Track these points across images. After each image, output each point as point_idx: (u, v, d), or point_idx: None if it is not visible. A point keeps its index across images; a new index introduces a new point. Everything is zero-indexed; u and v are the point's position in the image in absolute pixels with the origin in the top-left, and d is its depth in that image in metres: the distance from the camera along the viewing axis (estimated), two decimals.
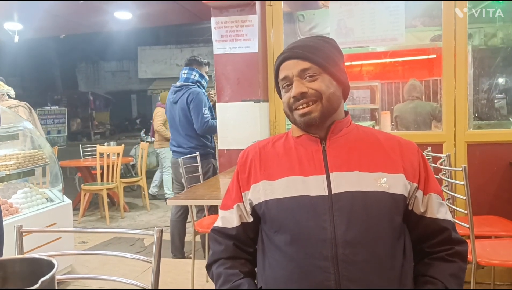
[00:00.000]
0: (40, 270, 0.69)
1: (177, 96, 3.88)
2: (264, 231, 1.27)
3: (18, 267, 0.71)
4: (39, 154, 3.54)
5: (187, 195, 2.57)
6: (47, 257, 0.70)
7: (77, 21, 6.14)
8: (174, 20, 6.79)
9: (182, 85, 3.88)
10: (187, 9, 5.72)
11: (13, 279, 0.71)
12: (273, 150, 1.32)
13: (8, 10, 5.36)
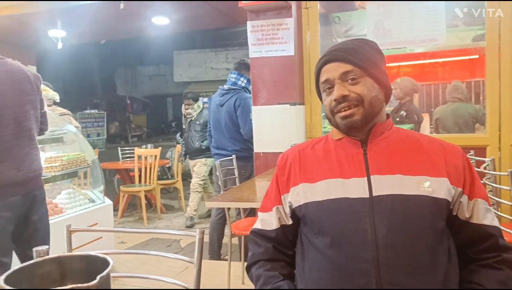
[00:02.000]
0: (95, 267, 0.73)
1: (224, 99, 3.91)
2: (303, 233, 1.27)
3: (76, 264, 0.75)
4: (82, 157, 3.66)
5: (225, 197, 2.60)
6: (102, 254, 0.73)
7: (117, 27, 6.32)
8: (210, 24, 6.87)
9: (230, 88, 3.92)
10: (223, 12, 5.78)
11: (70, 274, 0.75)
12: (312, 152, 1.32)
13: (53, 18, 5.58)
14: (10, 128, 2.16)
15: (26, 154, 2.24)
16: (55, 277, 0.74)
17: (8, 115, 2.15)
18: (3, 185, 2.14)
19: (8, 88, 2.16)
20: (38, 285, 0.70)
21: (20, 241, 2.30)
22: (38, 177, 2.34)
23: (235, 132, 3.85)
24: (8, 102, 2.15)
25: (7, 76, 2.18)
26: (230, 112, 3.84)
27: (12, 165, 2.16)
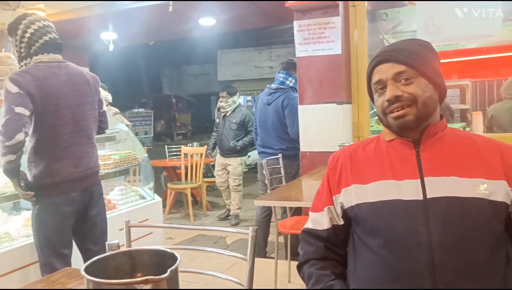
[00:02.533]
0: (164, 261, 0.78)
1: (272, 98, 3.94)
2: (356, 233, 1.28)
3: (145, 257, 0.80)
4: (133, 155, 3.80)
5: (273, 196, 2.63)
6: (170, 250, 0.78)
7: (165, 28, 6.51)
8: (255, 24, 6.93)
9: (278, 88, 3.94)
10: (268, 12, 5.82)
11: (140, 267, 0.80)
12: (364, 153, 1.33)
13: (105, 22, 5.83)
14: (69, 127, 2.29)
15: (84, 152, 2.37)
16: (126, 269, 0.80)
17: (68, 115, 2.28)
18: (63, 181, 2.28)
19: (68, 90, 2.29)
20: (112, 275, 0.75)
21: (80, 235, 2.44)
22: (95, 174, 2.47)
23: (282, 131, 3.87)
24: (68, 103, 2.28)
25: (67, 78, 2.31)
26: (277, 111, 3.86)
27: (71, 162, 2.29)
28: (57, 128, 2.24)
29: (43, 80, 2.19)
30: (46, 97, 2.19)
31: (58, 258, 2.26)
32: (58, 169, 2.25)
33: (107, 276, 0.73)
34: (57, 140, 2.25)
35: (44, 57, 2.26)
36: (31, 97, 2.13)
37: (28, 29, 2.23)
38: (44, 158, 2.24)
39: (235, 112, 5.35)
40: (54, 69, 2.27)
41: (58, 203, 2.27)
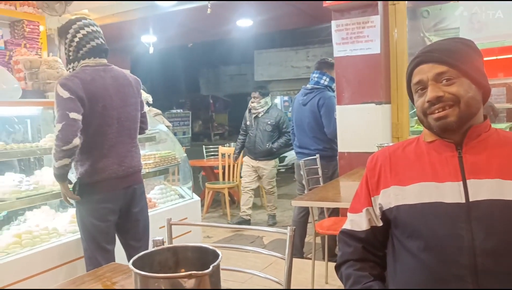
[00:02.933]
0: (206, 257, 0.80)
1: (308, 98, 3.94)
2: (395, 235, 1.27)
3: (189, 254, 0.83)
4: (172, 155, 3.89)
5: (310, 196, 2.63)
6: (212, 247, 0.81)
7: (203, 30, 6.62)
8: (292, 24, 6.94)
9: (313, 88, 3.94)
10: (305, 12, 5.81)
11: (184, 263, 0.83)
12: (403, 155, 1.31)
13: (146, 25, 5.99)
14: (115, 127, 2.39)
15: (127, 151, 2.46)
16: (170, 264, 0.84)
17: (113, 116, 2.38)
18: (107, 179, 2.37)
19: (113, 92, 2.39)
20: (157, 270, 0.79)
21: (123, 231, 2.53)
22: (137, 173, 2.56)
23: (318, 131, 3.86)
24: (114, 104, 2.38)
25: (112, 81, 2.41)
26: (313, 111, 3.85)
27: (115, 161, 2.39)
28: (104, 128, 2.34)
29: (91, 83, 2.30)
30: (94, 99, 2.29)
31: (102, 253, 2.36)
32: (103, 167, 2.35)
33: (152, 270, 0.76)
34: (103, 139, 2.35)
35: (91, 61, 2.37)
36: (81, 101, 2.24)
37: (78, 34, 2.34)
38: (90, 156, 2.34)
39: (268, 113, 5.18)
40: (100, 72, 2.37)
41: (102, 199, 2.37)
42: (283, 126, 5.17)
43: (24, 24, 4.92)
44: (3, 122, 3.06)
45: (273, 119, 5.14)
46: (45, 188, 2.82)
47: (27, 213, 2.95)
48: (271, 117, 5.15)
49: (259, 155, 5.20)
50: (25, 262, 2.42)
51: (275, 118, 5.14)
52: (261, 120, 5.19)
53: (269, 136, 5.13)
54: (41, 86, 3.15)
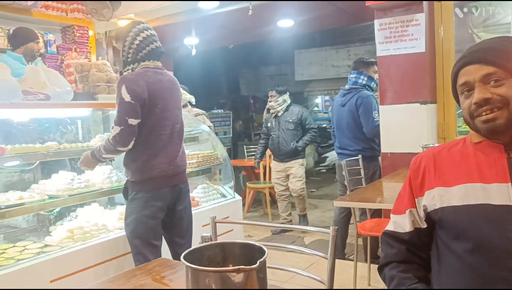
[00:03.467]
0: (252, 254, 0.83)
1: (346, 99, 3.93)
2: (440, 237, 1.25)
3: (236, 250, 0.87)
4: (215, 154, 3.96)
5: (352, 197, 2.61)
6: (258, 243, 0.84)
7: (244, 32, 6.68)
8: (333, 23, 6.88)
9: (351, 88, 3.92)
10: (346, 11, 5.75)
11: (231, 259, 0.87)
12: (449, 156, 1.29)
13: (188, 27, 6.13)
14: (168, 129, 2.50)
15: (176, 151, 2.57)
16: (218, 259, 0.87)
17: (169, 118, 2.50)
18: (157, 177, 2.47)
19: (169, 95, 2.51)
20: (206, 264, 0.82)
21: (168, 228, 2.62)
22: (183, 172, 2.66)
23: (357, 132, 3.83)
24: (169, 106, 2.50)
25: (169, 84, 2.54)
26: (352, 112, 3.83)
27: (165, 160, 2.49)
28: (159, 129, 2.45)
29: (153, 85, 2.41)
30: (154, 101, 2.40)
31: (150, 249, 2.45)
32: (154, 165, 2.45)
33: (201, 264, 0.80)
34: (156, 139, 2.46)
35: (150, 63, 2.47)
36: (142, 103, 2.35)
37: (138, 36, 2.44)
38: (143, 155, 2.45)
39: (288, 111, 4.97)
40: (159, 75, 2.49)
41: (152, 197, 2.47)
42: (306, 123, 4.97)
43: (74, 29, 5.17)
44: (57, 123, 3.23)
45: (294, 116, 4.94)
46: (95, 186, 2.95)
47: (78, 209, 3.10)
48: (292, 114, 4.96)
49: (285, 156, 5.00)
50: (77, 256, 2.55)
51: (296, 114, 4.94)
52: (282, 119, 4.99)
53: (292, 135, 4.92)
54: (91, 88, 3.31)
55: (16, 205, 2.50)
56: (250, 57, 15.94)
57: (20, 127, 3.02)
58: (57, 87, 2.93)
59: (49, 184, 2.86)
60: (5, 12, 4.34)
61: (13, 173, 3.03)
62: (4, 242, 2.76)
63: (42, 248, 2.54)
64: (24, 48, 3.62)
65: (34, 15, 4.64)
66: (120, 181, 3.08)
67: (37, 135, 3.07)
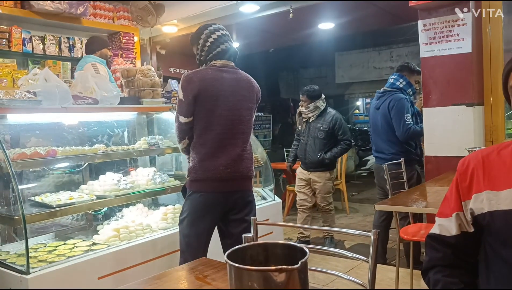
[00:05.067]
0: (294, 254, 0.85)
1: (380, 102, 3.88)
2: (488, 242, 1.22)
3: (278, 250, 0.89)
4: (255, 157, 3.99)
5: (394, 201, 2.57)
6: (300, 245, 0.85)
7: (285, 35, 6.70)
8: (374, 25, 6.78)
9: (385, 91, 3.87)
10: (388, 12, 5.65)
11: (273, 258, 0.89)
12: (498, 158, 1.25)
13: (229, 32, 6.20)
14: (226, 128, 2.39)
15: (237, 154, 2.42)
16: (261, 259, 0.89)
17: (226, 116, 2.39)
18: (210, 179, 2.36)
19: (231, 93, 2.42)
20: (248, 264, 0.84)
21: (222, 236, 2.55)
22: (246, 179, 2.48)
23: (392, 135, 3.75)
24: (228, 105, 2.40)
25: (234, 82, 2.46)
26: (385, 115, 3.76)
27: (221, 162, 2.37)
28: (213, 126, 2.38)
29: (209, 81, 2.37)
30: (208, 97, 2.36)
31: (191, 251, 2.37)
32: (208, 166, 2.37)
33: (244, 263, 0.82)
34: (212, 138, 2.38)
35: (218, 62, 2.45)
36: (192, 100, 2.35)
37: (209, 38, 2.46)
38: (198, 153, 2.40)
39: (321, 117, 4.44)
40: (223, 73, 2.44)
41: (202, 200, 2.39)
42: (338, 133, 4.42)
43: (120, 35, 5.37)
44: (105, 126, 3.37)
45: (326, 124, 4.39)
46: (140, 187, 3.06)
47: (124, 209, 3.21)
48: (325, 122, 4.41)
49: (310, 165, 4.50)
50: (123, 254, 2.65)
51: (329, 123, 4.39)
52: (313, 125, 4.48)
53: (321, 144, 4.40)
54: (137, 93, 3.43)
55: (66, 205, 2.63)
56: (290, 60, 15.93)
57: (71, 130, 3.17)
58: (104, 91, 3.05)
59: (97, 185, 2.99)
60: (57, 20, 4.57)
61: (63, 174, 3.19)
62: (55, 240, 2.91)
63: (90, 246, 2.65)
64: (99, 54, 4.03)
65: (83, 23, 4.87)
66: (163, 183, 3.17)
67: (86, 138, 3.22)
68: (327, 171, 4.46)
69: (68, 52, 4.84)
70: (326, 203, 4.50)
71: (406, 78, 3.78)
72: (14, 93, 2.59)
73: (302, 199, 4.60)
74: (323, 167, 4.43)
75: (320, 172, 4.45)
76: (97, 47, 4.06)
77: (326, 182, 4.46)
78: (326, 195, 4.49)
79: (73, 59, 4.81)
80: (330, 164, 4.45)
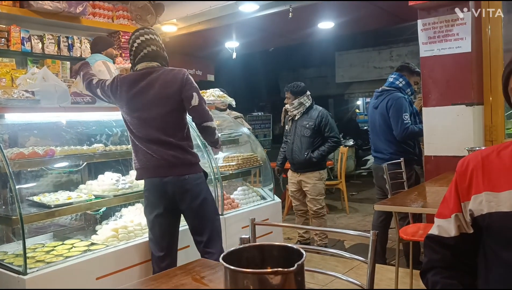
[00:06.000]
0: (290, 256, 0.84)
1: (378, 101, 3.87)
2: (487, 244, 1.21)
3: (274, 252, 0.88)
4: (255, 157, 3.99)
5: (394, 201, 2.56)
6: (296, 246, 0.84)
7: (284, 35, 6.69)
8: (374, 24, 6.77)
9: (383, 90, 3.86)
10: (388, 11, 5.64)
11: (269, 260, 0.88)
12: (498, 159, 1.24)
13: (229, 31, 6.20)
14: (141, 126, 2.63)
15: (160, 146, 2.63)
16: (257, 261, 0.88)
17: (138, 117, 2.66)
18: (138, 168, 2.66)
19: (141, 94, 2.60)
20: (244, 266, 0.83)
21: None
22: (170, 166, 2.62)
23: (389, 135, 3.73)
24: (135, 107, 2.65)
25: (150, 83, 2.63)
26: (383, 114, 3.75)
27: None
28: (132, 128, 2.67)
29: (125, 86, 2.63)
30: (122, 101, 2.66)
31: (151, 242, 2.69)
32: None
33: (240, 265, 0.81)
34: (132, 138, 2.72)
35: (140, 65, 2.65)
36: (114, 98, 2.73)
37: (134, 43, 2.65)
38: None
39: (307, 114, 4.27)
40: (139, 76, 2.62)
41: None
42: (325, 130, 4.23)
43: (120, 35, 5.36)
44: (104, 125, 3.35)
45: (312, 121, 4.21)
46: (139, 187, 3.04)
47: (123, 209, 3.20)
48: (311, 119, 4.23)
49: (298, 167, 4.32)
50: (121, 254, 2.64)
51: (315, 120, 4.20)
52: (299, 123, 4.30)
53: (308, 142, 4.21)
54: None
55: (65, 205, 2.62)
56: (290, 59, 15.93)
57: (69, 129, 3.16)
58: None
59: (95, 185, 2.98)
60: (56, 20, 4.56)
61: (62, 173, 3.18)
62: (54, 240, 2.90)
63: (88, 246, 2.65)
64: (105, 53, 4.05)
65: (82, 22, 4.85)
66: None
67: (85, 138, 3.21)
68: (316, 171, 4.26)
69: (67, 52, 4.82)
70: (318, 207, 4.27)
71: (406, 78, 3.77)
72: (12, 92, 2.57)
73: (296, 204, 4.50)
74: (312, 167, 4.25)
75: (309, 173, 4.27)
76: (103, 46, 4.09)
77: (317, 182, 4.25)
78: (318, 197, 4.27)
79: (72, 58, 4.79)
80: (319, 163, 4.24)
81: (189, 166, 2.59)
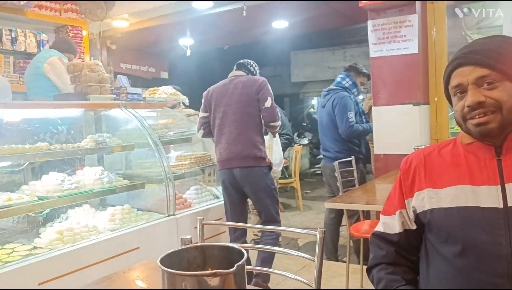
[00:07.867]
0: (232, 256, 0.82)
1: (325, 100, 3.94)
2: (428, 239, 1.24)
3: (216, 252, 0.85)
4: (208, 156, 3.94)
5: (344, 199, 2.60)
6: (238, 246, 0.82)
7: (239, 33, 6.67)
8: (328, 24, 6.87)
9: (330, 89, 3.94)
10: (341, 12, 5.75)
11: (211, 261, 0.85)
12: (439, 157, 1.27)
13: (183, 28, 6.11)
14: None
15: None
16: (198, 262, 0.85)
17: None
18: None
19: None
20: (185, 267, 0.81)
21: None
22: (239, 158, 3.26)
23: (336, 133, 3.80)
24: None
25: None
26: (329, 113, 3.82)
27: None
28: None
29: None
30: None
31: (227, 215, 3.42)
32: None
33: (180, 268, 0.78)
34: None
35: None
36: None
37: None
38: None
39: None
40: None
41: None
42: None
43: (68, 29, 5.14)
44: (48, 123, 3.19)
45: None
46: (86, 187, 2.92)
47: (69, 211, 3.07)
48: None
49: None
50: (66, 258, 2.52)
51: None
52: None
53: None
54: (83, 88, 3.27)
55: (4, 207, 2.47)
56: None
57: (10, 127, 2.98)
58: None
59: (39, 185, 2.83)
60: None
61: (2, 174, 3.00)
62: None
63: (30, 250, 2.51)
64: (66, 55, 3.92)
65: (27, 15, 4.61)
66: (111, 183, 3.05)
67: (28, 136, 3.04)
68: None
69: (11, 45, 4.57)
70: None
71: (353, 78, 3.86)
72: None
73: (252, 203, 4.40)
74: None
75: None
76: (67, 49, 3.97)
77: None
78: None
79: (15, 52, 4.56)
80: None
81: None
